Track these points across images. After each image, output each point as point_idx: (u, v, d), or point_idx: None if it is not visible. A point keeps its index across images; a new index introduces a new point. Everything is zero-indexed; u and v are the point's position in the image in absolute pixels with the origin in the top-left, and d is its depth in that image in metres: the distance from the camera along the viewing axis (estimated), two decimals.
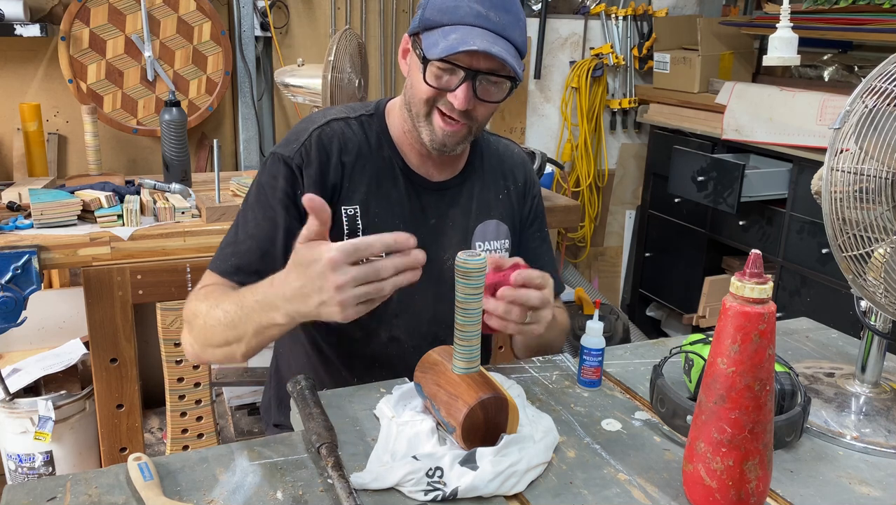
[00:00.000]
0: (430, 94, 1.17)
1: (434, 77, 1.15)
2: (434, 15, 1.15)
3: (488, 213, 1.35)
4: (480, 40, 1.10)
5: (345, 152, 1.25)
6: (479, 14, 1.13)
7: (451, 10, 1.14)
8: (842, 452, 1.05)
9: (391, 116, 1.30)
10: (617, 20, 3.41)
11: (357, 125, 1.28)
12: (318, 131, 1.25)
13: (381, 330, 1.29)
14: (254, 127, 2.79)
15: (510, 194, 1.38)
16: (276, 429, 1.43)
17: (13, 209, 1.92)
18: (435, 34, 1.14)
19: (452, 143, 1.21)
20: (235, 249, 1.21)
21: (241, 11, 2.67)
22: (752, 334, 0.83)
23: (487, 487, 0.89)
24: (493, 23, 1.13)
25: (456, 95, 1.14)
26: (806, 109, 2.59)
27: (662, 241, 3.44)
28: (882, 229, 1.03)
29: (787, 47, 1.47)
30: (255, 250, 1.20)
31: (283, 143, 1.26)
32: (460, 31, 1.12)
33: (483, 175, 1.36)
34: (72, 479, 0.91)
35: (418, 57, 1.17)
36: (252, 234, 1.21)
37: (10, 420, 2.13)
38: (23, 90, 2.53)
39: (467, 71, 1.13)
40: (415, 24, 1.19)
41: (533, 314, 1.09)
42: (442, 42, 1.12)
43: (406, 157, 1.29)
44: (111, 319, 1.89)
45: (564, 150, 3.47)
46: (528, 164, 1.44)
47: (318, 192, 1.21)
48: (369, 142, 1.27)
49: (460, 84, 1.14)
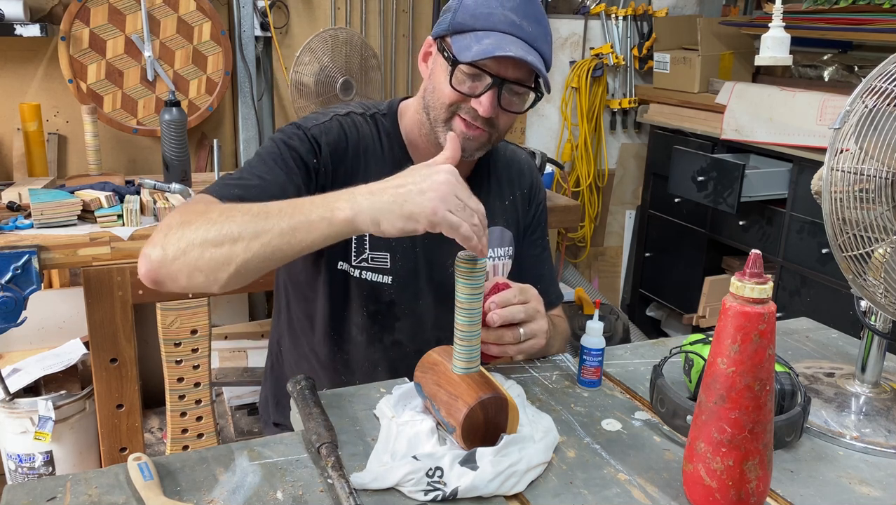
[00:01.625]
0: (453, 99, 1.16)
1: (459, 81, 1.14)
2: (466, 19, 1.14)
3: (493, 220, 1.34)
4: (515, 47, 1.10)
5: (360, 146, 1.24)
6: (512, 23, 1.12)
7: (484, 17, 1.13)
8: (842, 452, 1.05)
9: (404, 118, 1.29)
10: (617, 20, 3.41)
11: (372, 123, 1.27)
12: (340, 119, 1.24)
13: (384, 334, 1.29)
14: (254, 127, 2.79)
15: (515, 200, 1.38)
16: (275, 428, 1.43)
17: (13, 209, 1.92)
18: (467, 38, 1.13)
19: (471, 148, 1.20)
20: (240, 182, 1.10)
21: (241, 11, 2.67)
22: (752, 334, 0.83)
23: (487, 487, 0.89)
24: (526, 33, 1.13)
25: (481, 102, 1.14)
26: (806, 109, 2.59)
27: (662, 241, 3.44)
28: (882, 229, 1.03)
29: (779, 47, 1.47)
30: (262, 191, 1.07)
31: (303, 119, 1.23)
32: (494, 38, 1.11)
33: (490, 182, 1.35)
34: (72, 479, 0.91)
35: (446, 59, 1.15)
36: (261, 175, 1.12)
37: (10, 420, 2.13)
38: (23, 90, 2.53)
39: (495, 78, 1.12)
40: (443, 26, 1.18)
41: (526, 329, 1.08)
42: (475, 46, 1.11)
43: (416, 159, 1.27)
44: (111, 319, 1.90)
45: (564, 150, 3.47)
46: (534, 169, 1.43)
47: (330, 171, 1.20)
48: (381, 141, 1.27)
49: (486, 90, 1.13)
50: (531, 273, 1.37)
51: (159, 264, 0.95)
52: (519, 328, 1.07)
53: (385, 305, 1.27)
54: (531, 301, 1.09)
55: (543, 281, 1.35)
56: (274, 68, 2.83)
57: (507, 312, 1.06)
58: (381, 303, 1.27)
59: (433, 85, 1.19)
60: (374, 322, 1.28)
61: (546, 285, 1.35)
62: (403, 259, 1.25)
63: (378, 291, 1.26)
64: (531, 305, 1.09)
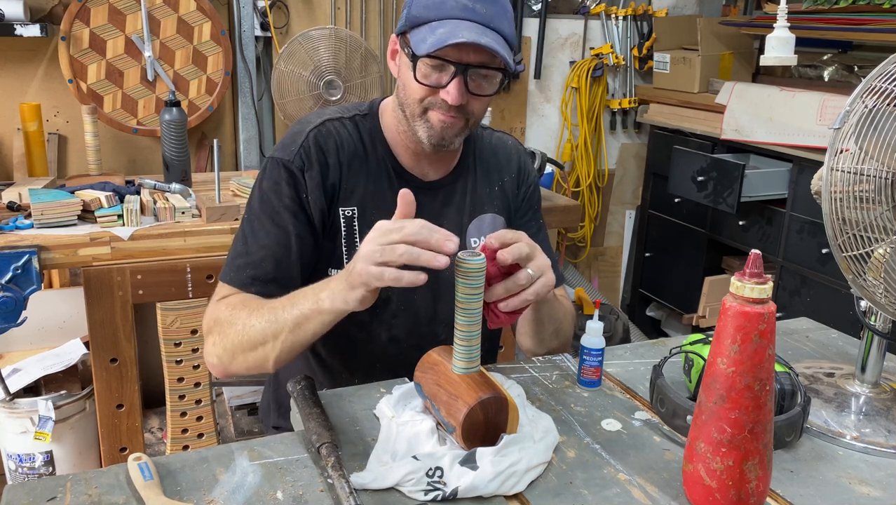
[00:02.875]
0: (423, 94, 1.16)
1: (424, 75, 1.15)
2: (420, 11, 1.14)
3: (483, 208, 1.34)
4: (468, 32, 1.10)
5: (341, 152, 1.24)
6: (465, 7, 1.12)
7: (436, 6, 1.13)
8: (842, 452, 1.05)
9: (384, 116, 1.29)
10: (617, 20, 3.41)
11: (351, 125, 1.27)
12: (315, 132, 1.24)
13: (381, 330, 1.29)
14: (254, 127, 2.79)
15: (504, 186, 1.37)
16: (275, 431, 1.43)
17: (13, 209, 1.92)
18: (422, 30, 1.14)
19: (451, 135, 1.20)
20: (248, 260, 1.20)
21: (241, 11, 2.67)
22: (752, 334, 0.83)
23: (487, 487, 0.89)
24: (480, 15, 1.13)
25: (448, 91, 1.14)
26: (806, 109, 2.59)
27: (662, 241, 3.44)
28: (882, 229, 1.03)
29: (784, 47, 1.47)
30: (270, 259, 1.20)
31: (280, 147, 1.25)
32: (447, 25, 1.11)
33: (476, 171, 1.35)
34: (72, 479, 0.91)
35: (407, 55, 1.16)
36: (263, 243, 1.20)
37: (10, 420, 2.13)
38: (23, 90, 2.53)
39: (457, 65, 1.12)
40: (402, 23, 1.19)
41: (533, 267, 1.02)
42: (430, 37, 1.11)
43: (399, 157, 1.28)
44: (111, 319, 1.90)
45: (564, 150, 3.47)
46: (522, 153, 1.42)
47: (320, 195, 1.22)
48: (363, 142, 1.27)
49: (451, 79, 1.13)
50: None
51: (223, 370, 1.17)
52: (527, 268, 1.02)
53: (381, 301, 1.27)
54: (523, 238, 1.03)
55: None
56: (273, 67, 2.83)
57: (515, 249, 1.00)
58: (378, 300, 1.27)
59: (402, 82, 1.20)
60: (371, 319, 1.28)
61: None
62: None
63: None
64: (529, 241, 1.03)
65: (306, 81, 2.47)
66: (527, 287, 1.01)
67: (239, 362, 1.13)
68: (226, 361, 1.14)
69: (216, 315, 1.17)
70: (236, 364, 1.14)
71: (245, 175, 2.35)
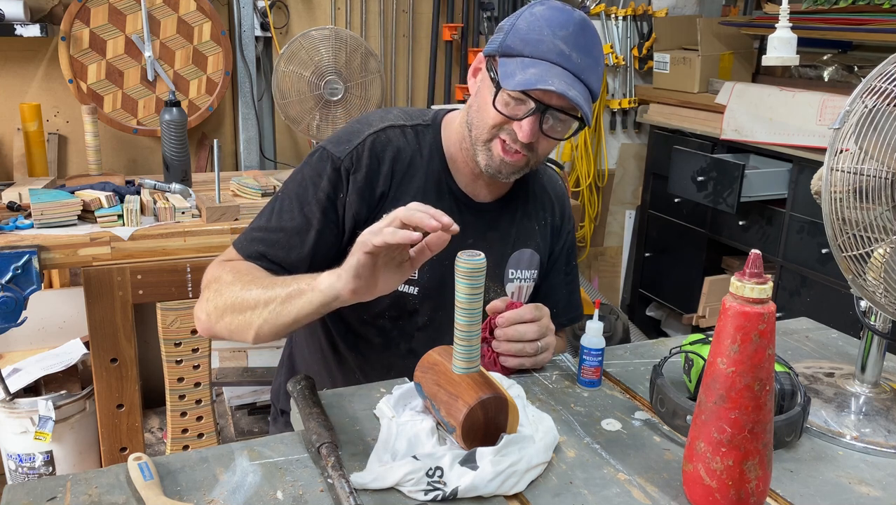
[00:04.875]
0: (497, 121, 1.16)
1: (504, 103, 1.14)
2: (516, 44, 1.14)
3: (525, 242, 1.35)
4: (559, 81, 1.09)
5: (397, 161, 1.24)
6: (561, 53, 1.12)
7: (534, 43, 1.12)
8: (842, 452, 1.05)
9: (447, 130, 1.29)
10: (617, 20, 3.41)
11: (412, 134, 1.27)
12: (374, 137, 1.24)
13: (402, 341, 1.30)
14: (254, 127, 2.80)
15: (546, 226, 1.39)
16: (282, 416, 1.43)
17: (13, 209, 1.92)
18: (513, 63, 1.13)
19: (508, 171, 1.21)
20: (264, 237, 1.21)
21: (241, 11, 2.67)
22: (751, 334, 0.83)
23: (487, 487, 0.89)
24: (575, 64, 1.12)
25: (521, 126, 1.14)
26: (806, 109, 2.60)
27: (662, 241, 3.45)
28: (882, 229, 1.03)
29: (786, 47, 1.47)
30: (283, 244, 1.20)
31: (335, 141, 1.25)
32: (540, 67, 1.11)
33: (526, 202, 1.35)
34: (72, 479, 0.91)
35: (492, 81, 1.16)
36: (284, 226, 1.21)
37: (10, 420, 2.13)
38: (23, 90, 2.53)
39: (538, 104, 1.12)
40: (493, 46, 1.17)
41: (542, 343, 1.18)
42: (519, 74, 1.11)
43: (455, 173, 1.28)
44: (111, 319, 1.90)
45: (564, 149, 3.47)
46: (565, 199, 1.45)
47: (360, 199, 1.23)
48: (422, 153, 1.27)
49: (528, 115, 1.13)
50: (554, 296, 1.42)
51: (209, 328, 1.16)
52: (537, 342, 1.18)
53: (407, 313, 1.28)
54: (543, 318, 1.19)
55: (559, 304, 1.41)
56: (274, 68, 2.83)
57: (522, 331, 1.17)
58: (404, 311, 1.28)
59: (478, 103, 1.20)
60: (393, 328, 1.29)
61: (562, 307, 1.42)
62: (431, 271, 1.26)
63: (403, 300, 1.27)
64: (541, 325, 1.18)
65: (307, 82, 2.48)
66: (532, 356, 1.19)
67: (225, 323, 1.12)
68: (213, 318, 1.13)
69: (218, 274, 1.17)
70: (222, 325, 1.12)
71: (245, 175, 2.35)
